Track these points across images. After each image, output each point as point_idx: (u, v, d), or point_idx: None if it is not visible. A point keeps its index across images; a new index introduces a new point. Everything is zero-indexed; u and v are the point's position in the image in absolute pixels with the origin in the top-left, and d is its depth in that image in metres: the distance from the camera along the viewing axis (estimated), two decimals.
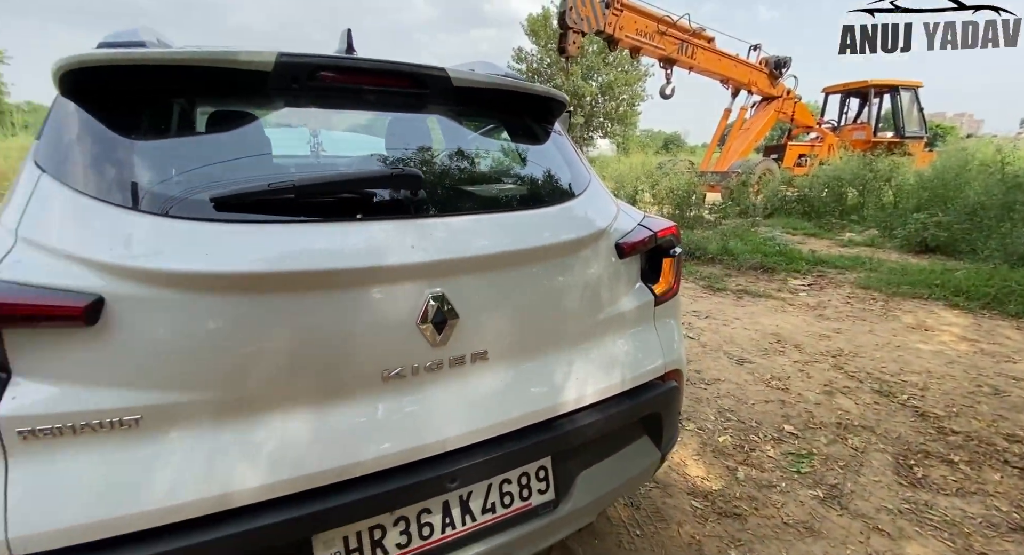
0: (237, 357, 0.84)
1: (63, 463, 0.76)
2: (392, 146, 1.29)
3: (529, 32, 26.34)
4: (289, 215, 0.91)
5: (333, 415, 0.91)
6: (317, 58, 1.03)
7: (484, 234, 1.03)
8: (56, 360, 0.76)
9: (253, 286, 0.83)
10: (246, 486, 0.83)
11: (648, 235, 1.31)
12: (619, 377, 1.23)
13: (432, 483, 0.96)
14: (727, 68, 10.87)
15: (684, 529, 1.78)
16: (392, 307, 0.92)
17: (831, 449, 2.20)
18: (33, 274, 0.75)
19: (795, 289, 4.55)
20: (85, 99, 0.94)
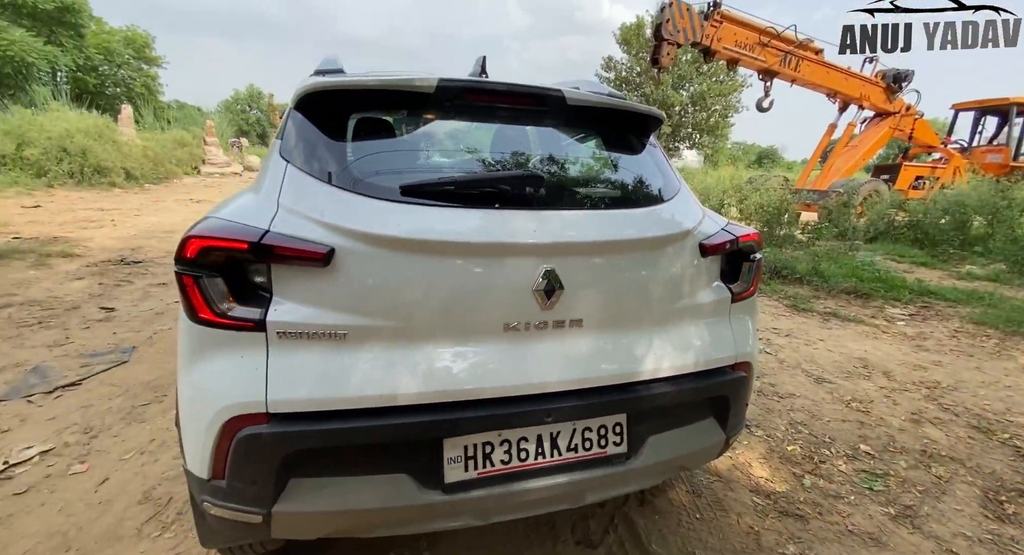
0: (410, 299, 1.14)
1: (299, 356, 1.10)
2: (519, 151, 1.56)
3: (621, 41, 26.21)
4: (451, 202, 1.21)
5: (467, 350, 1.19)
6: (466, 82, 1.33)
7: (589, 225, 1.26)
8: (300, 288, 1.10)
9: (425, 249, 1.13)
10: (406, 391, 1.13)
11: (730, 239, 1.47)
12: (692, 359, 1.40)
13: (531, 415, 1.21)
14: (835, 81, 10.19)
15: (743, 520, 1.88)
16: (515, 275, 1.18)
17: (911, 473, 2.16)
18: (292, 229, 1.10)
19: (892, 317, 4.28)
20: (310, 112, 1.31)
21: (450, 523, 1.30)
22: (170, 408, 2.47)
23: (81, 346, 3.08)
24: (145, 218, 7.74)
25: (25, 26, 22.03)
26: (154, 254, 5.41)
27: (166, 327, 3.43)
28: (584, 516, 1.88)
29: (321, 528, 1.21)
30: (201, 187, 13.53)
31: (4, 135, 10.31)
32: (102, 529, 1.73)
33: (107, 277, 4.46)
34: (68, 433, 2.24)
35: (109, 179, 11.25)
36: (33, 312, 3.55)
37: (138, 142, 14.81)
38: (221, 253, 1.09)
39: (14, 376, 2.68)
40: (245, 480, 1.10)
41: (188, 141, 19.07)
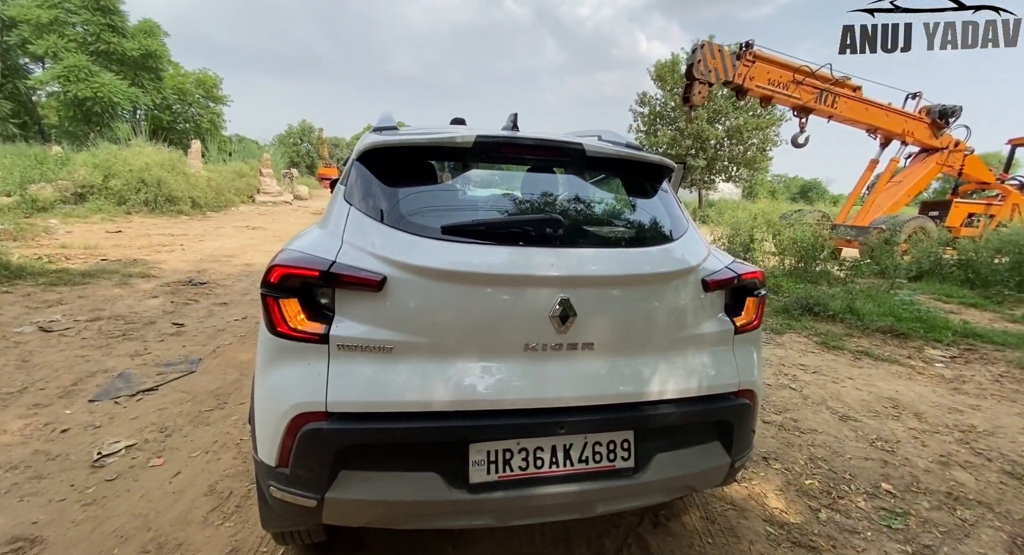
0: (446, 320, 1.37)
1: (354, 365, 1.34)
2: (544, 195, 1.81)
3: (655, 77, 26.71)
4: (483, 239, 1.44)
5: (492, 366, 1.39)
6: (499, 138, 1.60)
7: (601, 261, 1.47)
8: (357, 309, 1.35)
9: (459, 279, 1.37)
10: (440, 398, 1.34)
11: (732, 276, 1.63)
12: (695, 383, 1.55)
13: (546, 426, 1.39)
14: (875, 117, 10.10)
15: (755, 547, 1.95)
16: (535, 302, 1.39)
17: (933, 514, 2.15)
18: (353, 261, 1.36)
19: (930, 358, 4.18)
20: (370, 164, 1.60)
21: (473, 521, 1.48)
22: (230, 415, 2.78)
23: (157, 357, 3.47)
24: (208, 243, 8.48)
25: (114, 71, 24.80)
26: (216, 276, 5.96)
27: (227, 343, 3.81)
28: (599, 534, 1.99)
29: (363, 516, 1.41)
30: (256, 215, 14.56)
31: (94, 168, 11.60)
32: (175, 515, 1.99)
33: (178, 296, 4.97)
34: (147, 431, 2.56)
35: (178, 207, 12.35)
36: (118, 325, 4.02)
37: (203, 173, 16.19)
38: (297, 279, 1.36)
39: (104, 380, 3.08)
40: (305, 468, 1.33)
41: (246, 172, 20.62)
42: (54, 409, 2.73)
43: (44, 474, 2.20)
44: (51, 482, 2.15)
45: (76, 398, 2.86)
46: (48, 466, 2.26)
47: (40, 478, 2.17)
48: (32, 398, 2.83)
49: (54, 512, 1.97)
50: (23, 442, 2.43)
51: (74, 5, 24.00)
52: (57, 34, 23.72)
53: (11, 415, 2.65)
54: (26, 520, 1.92)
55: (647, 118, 27.53)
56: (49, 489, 2.10)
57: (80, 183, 11.25)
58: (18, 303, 4.39)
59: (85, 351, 3.49)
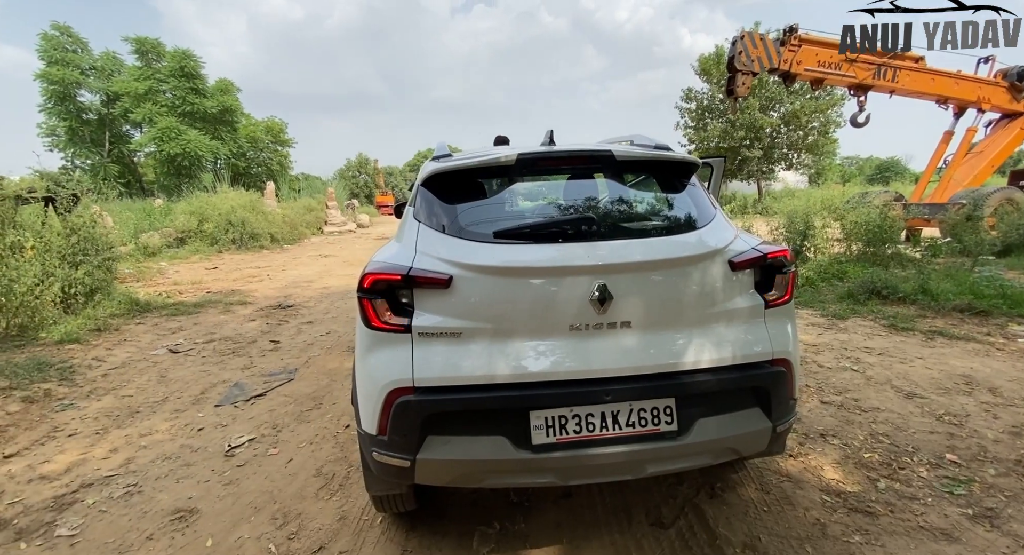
0: (502, 308, 1.66)
1: (432, 348, 1.66)
2: (581, 198, 2.08)
3: (700, 72, 26.12)
4: (529, 240, 1.73)
5: (543, 344, 1.66)
6: (538, 153, 1.89)
7: (631, 250, 1.71)
8: (432, 303, 1.68)
9: (512, 273, 1.66)
10: (502, 372, 1.63)
11: (757, 256, 1.81)
12: (729, 353, 1.73)
13: (595, 393, 1.63)
14: (944, 87, 9.42)
15: (810, 513, 2.05)
16: (577, 288, 1.65)
17: (999, 480, 2.14)
18: (426, 265, 1.69)
19: (1013, 335, 3.92)
20: (431, 187, 1.95)
21: (538, 479, 1.73)
22: (326, 413, 3.22)
23: (262, 369, 4.05)
24: (290, 272, 9.44)
25: (197, 127, 27.98)
26: (300, 300, 6.69)
27: (317, 355, 4.35)
28: (657, 504, 2.18)
29: (447, 474, 1.71)
30: (326, 244, 15.80)
31: (191, 215, 13.24)
32: (293, 491, 2.41)
33: (271, 318, 5.67)
34: (263, 428, 3.05)
35: (259, 243, 13.74)
36: (228, 345, 4.70)
37: (278, 211, 17.85)
38: (384, 283, 1.71)
39: (224, 389, 3.66)
40: (399, 434, 1.65)
41: (314, 206, 22.41)
42: (190, 413, 3.31)
43: (191, 462, 2.71)
44: (197, 468, 2.65)
45: (205, 404, 3.44)
46: (193, 456, 2.78)
47: (188, 465, 2.68)
48: (172, 405, 3.44)
49: (202, 490, 2.45)
50: (171, 439, 2.98)
51: (164, 75, 27.50)
52: (151, 102, 27.22)
53: (159, 419, 3.25)
54: (183, 496, 2.41)
55: (695, 113, 26.91)
56: (196, 473, 2.60)
57: (180, 229, 12.87)
58: (150, 331, 5.22)
59: (206, 367, 4.14)
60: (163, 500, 2.37)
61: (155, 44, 28.02)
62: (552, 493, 2.28)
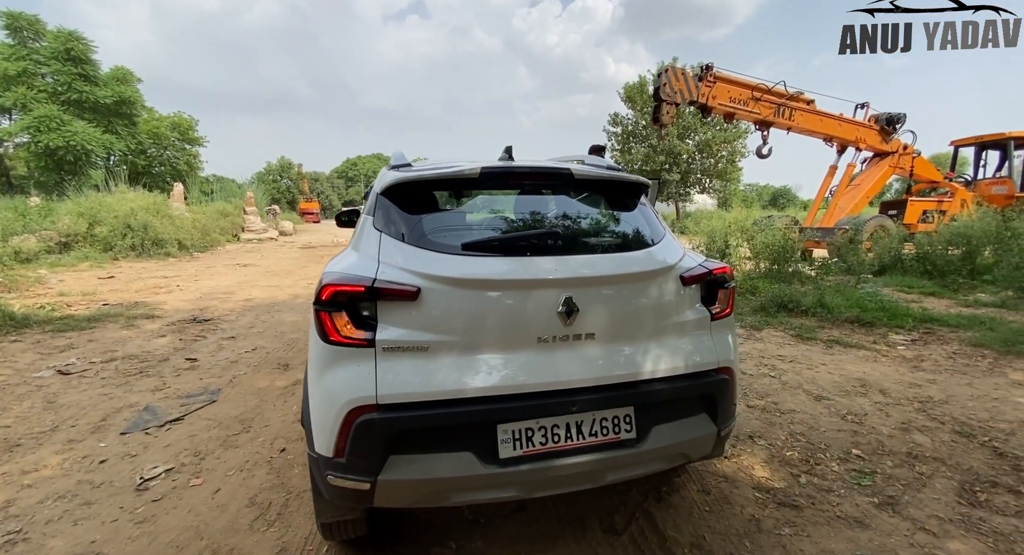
0: (471, 321, 1.64)
1: (397, 363, 1.60)
2: (542, 213, 2.13)
3: (625, 99, 27.91)
4: (498, 253, 1.74)
5: (511, 357, 1.67)
6: (501, 168, 1.92)
7: (595, 264, 1.78)
8: (397, 316, 1.62)
9: (481, 286, 1.66)
10: (470, 386, 1.61)
11: (704, 272, 1.96)
12: (682, 363, 1.85)
13: (562, 404, 1.66)
14: (829, 127, 10.88)
15: (746, 510, 2.22)
16: (545, 301, 1.69)
17: (896, 471, 2.46)
18: (391, 276, 1.64)
19: (893, 343, 4.57)
20: (393, 197, 1.90)
21: (503, 494, 1.72)
22: (256, 437, 2.96)
23: (177, 389, 3.64)
24: (204, 282, 8.60)
25: (87, 119, 24.83)
26: (219, 313, 6.11)
27: (242, 373, 3.99)
28: (609, 512, 2.24)
29: (410, 495, 1.65)
30: (244, 252, 14.64)
31: (79, 216, 11.65)
32: (223, 525, 2.18)
33: (184, 334, 5.12)
34: (183, 456, 2.74)
35: (165, 250, 12.41)
36: (133, 364, 4.17)
37: (187, 215, 16.28)
38: (345, 295, 1.63)
39: (131, 414, 3.23)
40: (360, 455, 1.57)
41: (230, 211, 20.72)
42: (88, 443, 2.89)
43: (92, 500, 2.36)
44: (100, 507, 2.31)
45: (108, 432, 3.02)
46: (94, 493, 2.42)
47: (89, 504, 2.33)
48: (65, 435, 2.98)
49: (109, 531, 2.14)
50: (65, 474, 2.58)
51: (43, 57, 24.14)
52: (26, 85, 23.75)
53: (48, 451, 2.80)
54: (84, 540, 2.09)
55: (620, 137, 28.57)
56: (100, 513, 2.27)
57: (65, 232, 11.27)
58: (30, 350, 4.49)
59: (107, 389, 3.64)
60: (56, 547, 2.04)
61: (32, 20, 24.55)
62: (505, 506, 2.27)
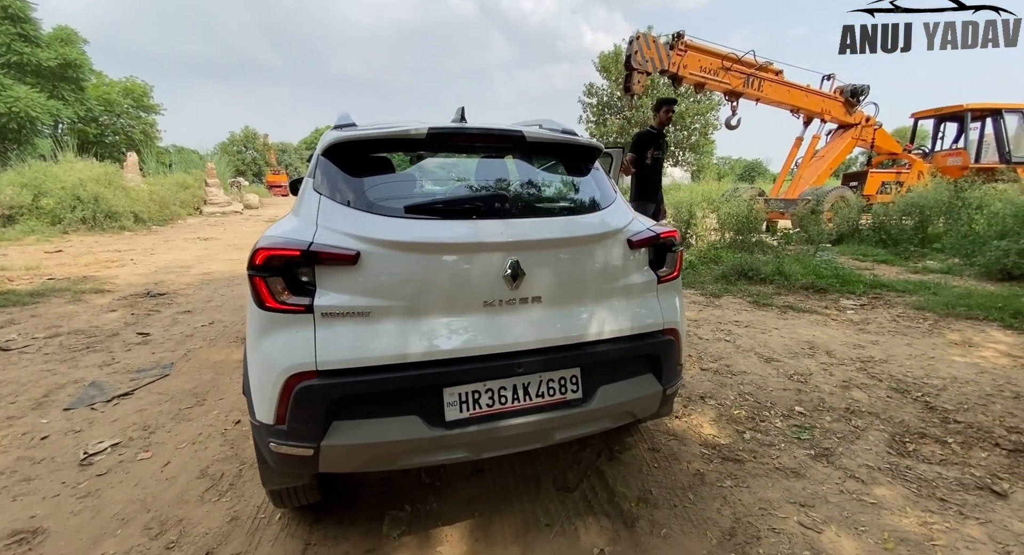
0: (414, 285, 1.61)
1: (337, 329, 1.56)
2: (492, 177, 2.08)
3: (600, 69, 27.50)
4: (442, 216, 1.70)
5: (456, 321, 1.65)
6: (449, 129, 1.86)
7: (542, 228, 1.76)
8: (336, 281, 1.57)
9: (423, 249, 1.61)
10: (414, 351, 1.59)
11: (651, 235, 1.96)
12: (627, 324, 1.87)
13: (506, 367, 1.67)
14: (796, 98, 10.97)
15: (692, 465, 2.31)
16: (490, 265, 1.66)
17: (833, 425, 2.60)
18: (329, 240, 1.58)
19: (843, 308, 4.76)
20: (334, 158, 1.82)
21: (451, 455, 1.73)
22: (210, 410, 2.90)
23: (127, 365, 3.52)
24: (161, 256, 8.25)
25: (30, 83, 23.01)
26: (175, 287, 5.89)
27: (197, 346, 3.88)
28: (562, 470, 2.30)
29: (356, 460, 1.65)
30: (206, 226, 14.09)
31: (22, 188, 10.91)
32: (172, 497, 2.15)
33: (137, 308, 4.93)
34: (131, 431, 2.66)
35: (119, 223, 11.81)
36: (80, 339, 4.00)
37: (143, 187, 15.46)
38: (280, 259, 1.57)
39: (76, 390, 3.12)
40: (301, 421, 1.55)
41: (190, 183, 19.77)
42: (29, 420, 2.78)
43: (32, 476, 2.28)
44: (41, 483, 2.24)
45: (50, 408, 2.90)
46: (35, 469, 2.34)
47: (29, 480, 2.26)
48: (2, 412, 2.85)
49: (50, 506, 2.09)
50: (2, 451, 2.48)
51: None
52: None
53: None
54: (23, 516, 2.03)
55: (596, 108, 28.28)
56: (40, 488, 2.20)
57: (7, 204, 10.57)
58: None
59: (50, 365, 3.49)
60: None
61: None
62: (464, 469, 2.31)
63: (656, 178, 5.46)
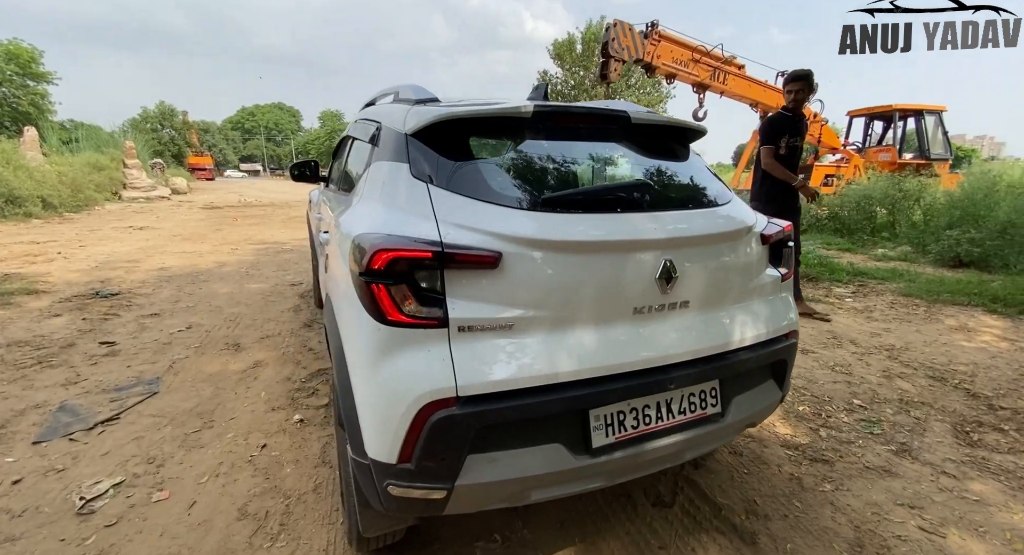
0: (561, 291, 1.35)
1: (477, 346, 1.28)
2: (609, 163, 1.83)
3: (555, 56, 27.36)
4: (583, 209, 1.44)
5: (606, 332, 1.42)
6: (556, 107, 1.61)
7: (693, 222, 1.55)
8: (472, 288, 1.28)
9: (573, 249, 1.36)
10: (563, 369, 1.34)
11: (779, 230, 1.82)
12: (764, 328, 1.72)
13: (660, 382, 1.46)
14: (756, 93, 11.42)
15: (783, 469, 2.23)
16: (644, 265, 1.44)
17: (897, 418, 2.63)
18: (463, 239, 1.28)
19: (841, 296, 4.97)
20: (432, 139, 1.53)
21: (589, 485, 1.52)
22: (224, 432, 2.46)
23: (98, 382, 2.93)
24: (94, 249, 7.14)
25: None
26: (128, 285, 5.07)
27: (182, 356, 3.32)
28: (652, 483, 2.14)
29: (491, 498, 1.39)
30: (132, 213, 12.53)
31: None
32: (212, 546, 1.76)
33: (88, 312, 4.17)
34: (132, 465, 2.19)
35: (24, 209, 10.19)
36: (26, 353, 3.29)
37: (48, 167, 13.48)
38: (407, 262, 1.26)
39: (41, 417, 2.53)
40: (435, 459, 1.26)
41: (105, 164, 17.57)
42: None
43: (16, 535, 1.79)
44: (31, 542, 1.77)
45: (13, 443, 2.33)
46: (18, 525, 1.84)
47: (13, 540, 1.77)
48: None
49: None
50: None
51: None
52: None
53: None
54: None
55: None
56: (34, 549, 1.73)
57: None
58: None
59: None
60: None
61: None
62: None
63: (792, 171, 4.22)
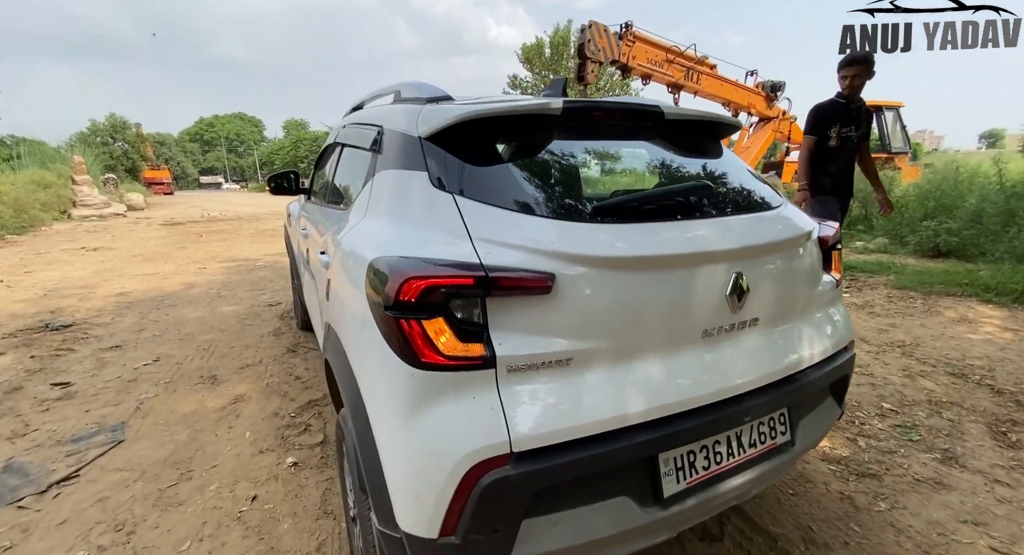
0: (624, 315, 1.14)
1: (531, 388, 1.06)
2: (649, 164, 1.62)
3: (524, 60, 27.30)
4: (640, 219, 1.23)
5: (674, 362, 1.21)
6: (586, 103, 1.42)
7: (759, 229, 1.36)
8: (519, 318, 1.06)
9: (635, 265, 1.15)
10: (633, 410, 1.13)
11: (833, 231, 1.66)
12: (829, 343, 1.54)
13: (735, 416, 1.26)
14: (728, 92, 11.59)
15: (831, 487, 2.07)
16: (711, 281, 1.24)
17: (931, 421, 2.52)
18: (506, 260, 1.06)
19: None
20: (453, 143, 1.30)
21: (655, 539, 1.31)
22: (206, 484, 2.14)
23: (51, 432, 2.53)
24: (42, 274, 6.51)
25: None
26: (83, 314, 4.58)
27: (151, 395, 2.94)
28: None
29: None
30: (85, 233, 11.68)
31: None
32: None
33: (37, 348, 3.70)
34: (95, 534, 1.84)
35: None
36: None
37: None
38: (443, 291, 1.02)
39: None
40: (486, 530, 1.03)
41: (52, 181, 16.44)
42: None
43: None
44: None
45: None
46: None
47: None
48: None
49: None
50: None
51: None
52: None
53: None
54: None
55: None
56: None
57: None
58: None
59: None
60: None
61: None
62: None
63: (845, 166, 3.69)
